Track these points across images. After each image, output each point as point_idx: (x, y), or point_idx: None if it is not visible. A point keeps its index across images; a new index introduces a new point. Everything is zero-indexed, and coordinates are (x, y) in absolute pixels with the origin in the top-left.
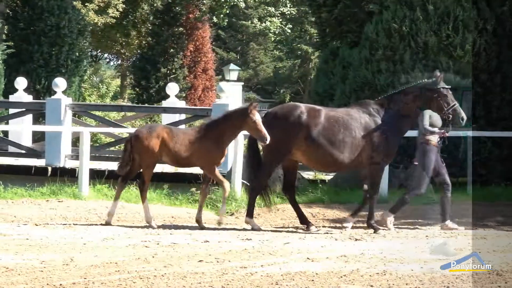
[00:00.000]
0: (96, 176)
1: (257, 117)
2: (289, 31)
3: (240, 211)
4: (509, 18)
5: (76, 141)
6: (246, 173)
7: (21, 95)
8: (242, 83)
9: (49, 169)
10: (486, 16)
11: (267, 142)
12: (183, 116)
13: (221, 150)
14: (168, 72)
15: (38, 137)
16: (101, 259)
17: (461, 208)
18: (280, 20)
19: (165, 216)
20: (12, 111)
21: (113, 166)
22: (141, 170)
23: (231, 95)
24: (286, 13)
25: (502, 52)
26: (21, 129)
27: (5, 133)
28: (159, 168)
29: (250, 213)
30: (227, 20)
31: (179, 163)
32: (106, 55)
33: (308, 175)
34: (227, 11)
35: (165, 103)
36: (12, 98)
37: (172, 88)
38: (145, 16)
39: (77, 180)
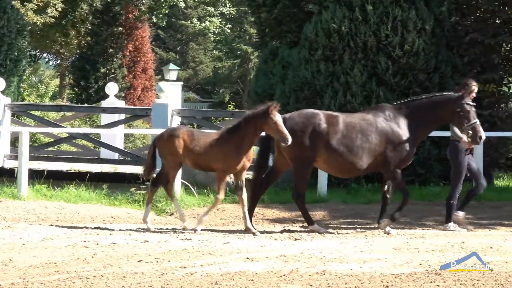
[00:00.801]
0: (35, 176)
1: (278, 117)
2: (229, 31)
3: None
4: (447, 18)
5: (15, 141)
6: (254, 169)
7: None
8: (182, 83)
9: None
10: (424, 16)
11: (289, 142)
12: (122, 116)
13: (239, 156)
14: (107, 72)
15: None
16: (40, 259)
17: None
18: (220, 20)
19: (104, 216)
20: None
21: (52, 166)
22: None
23: (170, 95)
24: (226, 13)
25: (440, 52)
26: None
27: None
28: (98, 168)
29: (310, 221)
30: (166, 20)
31: (200, 167)
32: (45, 55)
33: (247, 175)
34: (167, 11)
35: (104, 103)
36: None
37: (112, 88)
38: (84, 16)
39: (16, 180)
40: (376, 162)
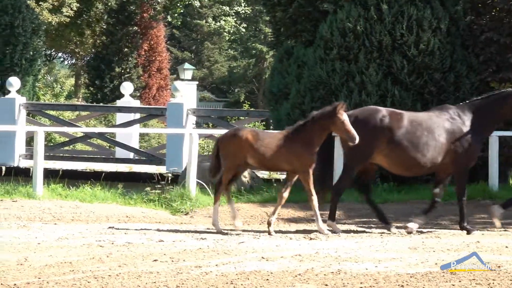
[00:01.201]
0: (51, 175)
1: (345, 117)
2: (244, 30)
3: (195, 210)
4: (462, 17)
5: (30, 140)
6: (317, 172)
7: None
8: (197, 82)
9: (3, 168)
10: (440, 16)
11: (356, 142)
12: (137, 115)
13: (312, 153)
14: (122, 71)
15: None
16: (56, 259)
17: (414, 207)
18: (235, 19)
19: (119, 216)
20: None
21: (68, 165)
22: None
23: (185, 94)
24: (241, 12)
25: (456, 51)
26: None
27: None
28: (113, 167)
29: (332, 217)
30: (181, 19)
31: (266, 166)
32: (60, 54)
33: (262, 174)
34: (182, 10)
35: (119, 102)
36: None
37: (127, 88)
38: (99, 15)
39: (31, 179)
40: (444, 160)
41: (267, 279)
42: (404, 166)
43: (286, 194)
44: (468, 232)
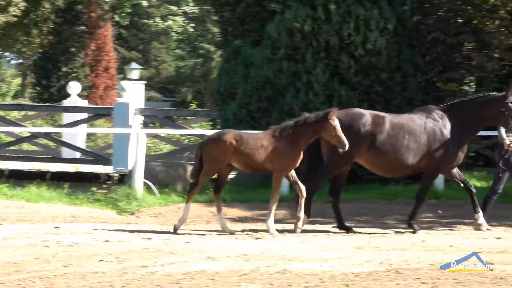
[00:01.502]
0: None
1: (337, 123)
2: (192, 30)
3: (141, 210)
4: (409, 18)
5: None
6: (304, 173)
7: None
8: (144, 82)
9: None
10: (387, 16)
11: (346, 148)
12: (84, 115)
13: (297, 154)
14: (69, 71)
15: None
16: (1, 259)
17: (361, 206)
18: (183, 19)
19: (65, 216)
20: None
21: (14, 165)
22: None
23: (133, 94)
24: (189, 12)
25: (403, 51)
26: None
27: None
28: (60, 167)
29: (307, 212)
30: (129, 19)
31: (252, 168)
32: (7, 53)
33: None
34: (129, 10)
35: (66, 102)
36: None
37: (74, 87)
38: (46, 15)
39: None
40: (422, 162)
41: (213, 279)
42: (386, 169)
43: (303, 188)
44: (414, 231)
